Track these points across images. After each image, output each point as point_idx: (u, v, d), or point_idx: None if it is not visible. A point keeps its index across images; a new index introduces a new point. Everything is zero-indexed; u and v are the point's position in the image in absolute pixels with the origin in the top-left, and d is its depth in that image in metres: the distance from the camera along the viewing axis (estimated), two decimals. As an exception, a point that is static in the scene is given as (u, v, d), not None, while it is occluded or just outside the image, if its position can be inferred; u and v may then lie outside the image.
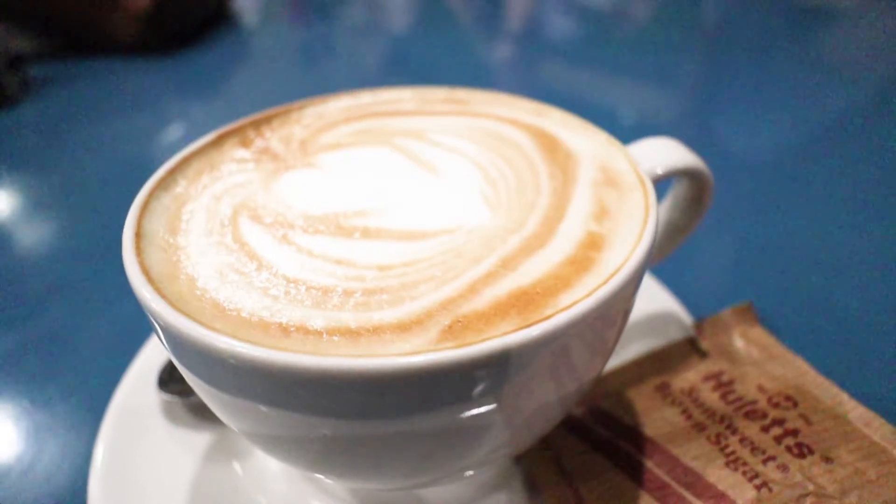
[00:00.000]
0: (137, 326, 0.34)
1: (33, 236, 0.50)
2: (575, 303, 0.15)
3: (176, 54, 0.94)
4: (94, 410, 0.29)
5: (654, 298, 0.32)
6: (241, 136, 0.26)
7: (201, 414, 0.27)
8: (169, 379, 0.28)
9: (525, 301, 0.16)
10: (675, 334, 0.31)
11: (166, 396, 0.27)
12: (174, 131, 0.70)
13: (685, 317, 0.31)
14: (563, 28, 1.12)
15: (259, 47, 1.07)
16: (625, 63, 0.89)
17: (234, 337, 0.15)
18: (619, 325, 0.20)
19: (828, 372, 0.26)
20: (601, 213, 0.20)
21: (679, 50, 0.92)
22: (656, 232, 0.19)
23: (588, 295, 0.16)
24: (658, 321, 0.31)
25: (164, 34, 0.94)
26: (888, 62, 0.82)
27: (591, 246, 0.18)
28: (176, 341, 0.16)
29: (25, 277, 0.44)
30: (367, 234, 0.19)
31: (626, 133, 0.64)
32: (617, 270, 0.17)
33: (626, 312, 0.20)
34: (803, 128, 0.62)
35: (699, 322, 0.30)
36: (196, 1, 1.05)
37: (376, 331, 0.15)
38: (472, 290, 0.16)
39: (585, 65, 0.91)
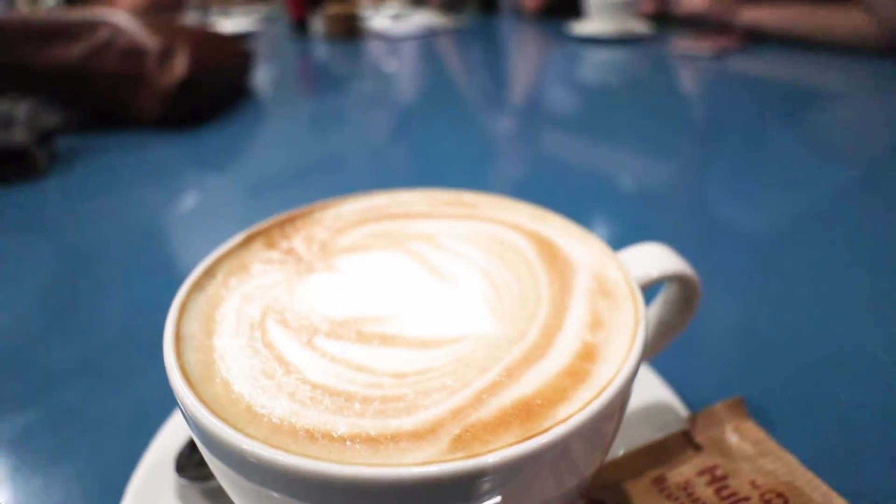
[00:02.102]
0: (156, 405, 0.35)
1: (53, 309, 0.52)
2: (572, 415, 0.17)
3: (198, 128, 1.00)
4: (110, 492, 0.30)
5: (650, 389, 0.33)
6: (267, 237, 0.29)
7: (218, 499, 0.28)
8: (186, 463, 0.29)
9: (527, 412, 0.18)
10: (670, 425, 0.32)
11: (183, 481, 0.28)
12: (195, 201, 0.74)
13: (680, 408, 0.33)
14: (562, 103, 1.19)
15: (274, 119, 1.13)
16: (621, 136, 0.94)
17: (267, 444, 0.16)
18: (616, 423, 0.21)
19: (818, 468, 0.27)
20: (595, 324, 0.22)
21: (674, 126, 0.97)
22: (645, 344, 0.21)
23: (583, 408, 0.18)
24: (654, 412, 0.33)
25: (188, 110, 1.00)
26: (881, 141, 0.87)
27: (587, 357, 0.20)
28: (213, 444, 0.17)
29: (44, 352, 0.46)
30: (383, 341, 0.21)
31: (620, 202, 0.66)
32: (609, 383, 0.19)
33: (623, 409, 0.21)
34: (798, 209, 0.65)
35: (693, 415, 0.32)
36: (218, 80, 1.12)
37: (394, 438, 0.17)
38: (479, 399, 0.18)
39: (584, 138, 0.96)
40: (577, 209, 0.67)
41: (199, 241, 0.64)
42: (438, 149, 0.92)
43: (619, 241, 0.61)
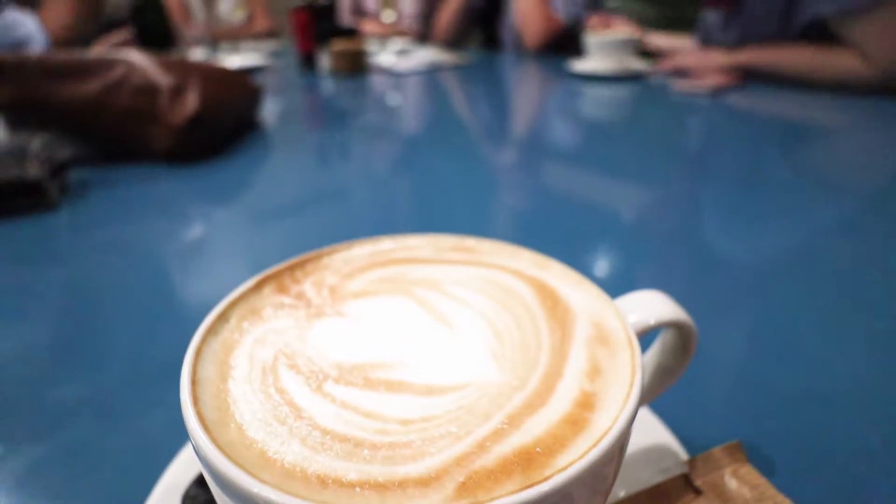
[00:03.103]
0: (163, 443, 0.36)
1: (62, 342, 0.53)
2: (571, 463, 0.18)
3: (207, 162, 1.02)
4: (117, 531, 0.30)
5: (650, 432, 0.34)
6: (278, 281, 0.30)
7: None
8: (194, 503, 0.30)
9: (528, 460, 0.19)
10: (670, 468, 0.32)
11: (190, 521, 0.29)
12: (203, 234, 0.75)
13: (680, 450, 0.33)
14: (562, 137, 1.21)
15: (282, 153, 1.16)
16: (619, 170, 0.96)
17: (280, 489, 0.17)
18: (615, 467, 0.22)
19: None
20: (594, 372, 0.23)
21: (672, 161, 0.99)
22: (642, 392, 0.22)
23: (581, 457, 0.18)
24: (654, 454, 0.33)
25: (198, 145, 1.03)
26: (878, 177, 0.88)
27: (585, 406, 0.21)
28: (228, 487, 0.18)
29: (53, 385, 0.46)
30: (390, 387, 0.22)
31: (618, 234, 0.67)
32: (606, 432, 0.19)
33: (622, 453, 0.22)
34: (796, 246, 0.66)
35: (692, 459, 0.32)
36: (228, 115, 1.15)
37: (401, 485, 0.18)
38: (482, 447, 0.19)
39: (583, 171, 0.98)
40: (575, 240, 0.69)
41: (206, 274, 0.65)
42: (441, 180, 0.94)
43: (616, 274, 0.62)
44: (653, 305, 0.28)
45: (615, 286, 0.58)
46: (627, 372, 0.23)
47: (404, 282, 0.30)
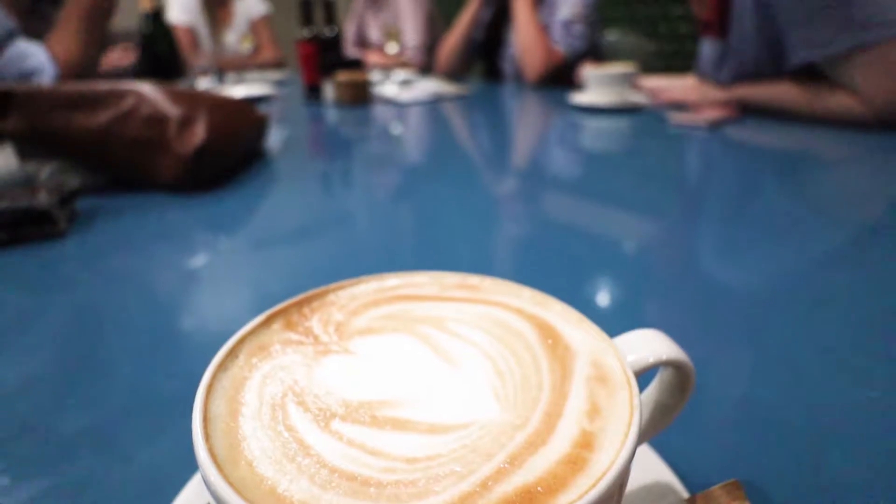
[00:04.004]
0: (168, 475, 0.36)
1: (67, 371, 0.53)
2: (571, 503, 0.19)
3: (213, 191, 1.04)
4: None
5: (650, 469, 0.34)
6: (286, 317, 0.31)
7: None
8: (198, 537, 0.30)
9: (529, 499, 0.19)
10: (669, 504, 0.33)
11: (195, 555, 0.29)
12: (208, 263, 0.76)
13: (680, 488, 0.34)
14: (562, 167, 1.23)
15: (287, 182, 1.18)
16: (618, 201, 0.97)
17: (290, 528, 0.18)
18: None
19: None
20: (593, 412, 0.23)
21: (670, 192, 1.00)
22: (640, 432, 0.22)
23: (581, 496, 0.19)
24: (654, 492, 0.34)
25: (205, 175, 1.04)
26: (876, 210, 0.90)
27: (585, 445, 0.22)
28: (238, 526, 0.19)
29: (58, 416, 0.47)
30: (396, 425, 0.23)
31: (616, 265, 0.68)
32: (605, 472, 0.20)
33: (622, 492, 0.23)
34: (796, 279, 0.67)
35: (692, 497, 0.32)
36: (234, 145, 1.18)
37: (406, 524, 0.18)
38: (485, 486, 0.20)
39: (582, 201, 0.99)
40: (573, 270, 0.70)
41: (212, 303, 0.66)
42: (443, 209, 0.96)
43: (614, 305, 0.62)
44: (651, 345, 0.29)
45: (613, 317, 0.59)
46: (626, 412, 0.23)
47: (409, 319, 0.30)
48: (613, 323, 0.30)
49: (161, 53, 2.00)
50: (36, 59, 1.51)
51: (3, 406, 0.48)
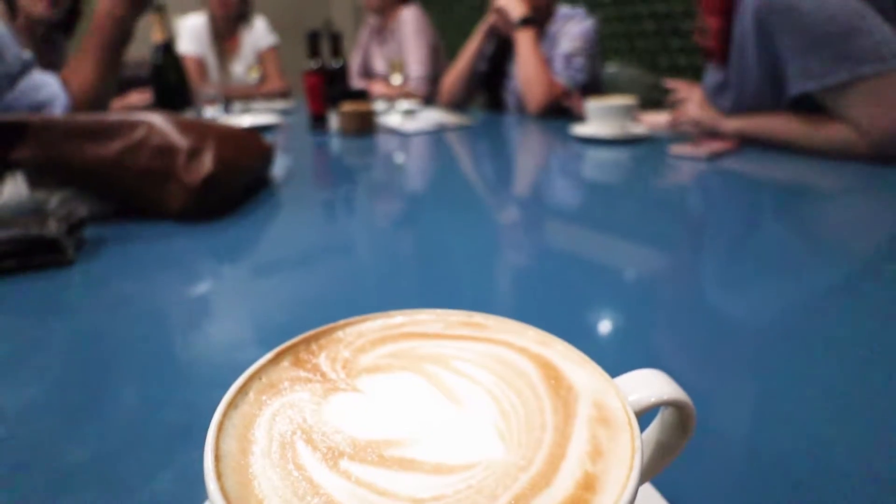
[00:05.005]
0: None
1: (71, 402, 0.54)
2: (574, 547, 0.19)
3: (220, 220, 1.06)
4: None
5: (651, 507, 0.35)
6: (294, 354, 0.31)
7: None
8: (203, 574, 0.30)
9: (533, 542, 0.20)
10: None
11: (199, 593, 0.29)
12: (214, 292, 0.77)
13: (681, 527, 0.34)
14: (563, 197, 1.24)
15: (293, 211, 1.19)
16: (619, 231, 0.98)
17: (300, 569, 0.18)
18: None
19: None
20: (595, 453, 0.24)
21: (669, 223, 1.01)
22: (641, 472, 0.23)
23: (584, 540, 0.19)
24: (656, 530, 0.34)
25: (213, 204, 1.06)
26: (872, 238, 0.91)
27: (587, 487, 0.22)
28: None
29: (62, 447, 0.47)
30: (402, 465, 0.23)
31: (616, 296, 0.69)
32: (608, 515, 0.21)
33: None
34: (798, 314, 0.67)
35: (693, 536, 0.33)
36: (241, 174, 1.20)
37: (413, 566, 0.19)
38: (490, 528, 0.20)
39: (584, 232, 1.00)
40: (574, 302, 0.70)
41: (217, 332, 0.67)
42: (446, 238, 0.97)
43: (613, 338, 0.63)
44: (652, 385, 0.29)
45: (610, 349, 0.59)
46: (627, 454, 0.24)
47: (415, 357, 0.31)
48: (612, 356, 0.31)
49: (171, 84, 2.04)
50: (49, 89, 1.54)
51: (4, 436, 0.48)
